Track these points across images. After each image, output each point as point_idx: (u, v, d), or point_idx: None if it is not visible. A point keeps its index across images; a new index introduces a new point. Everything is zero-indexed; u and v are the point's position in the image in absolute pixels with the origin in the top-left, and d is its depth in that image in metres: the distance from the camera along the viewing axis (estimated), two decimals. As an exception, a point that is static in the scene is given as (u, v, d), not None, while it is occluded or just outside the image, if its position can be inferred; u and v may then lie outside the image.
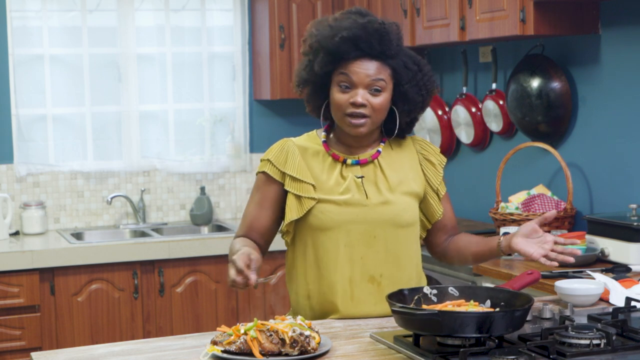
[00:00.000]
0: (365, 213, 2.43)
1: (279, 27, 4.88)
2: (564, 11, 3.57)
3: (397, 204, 2.45)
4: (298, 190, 2.44)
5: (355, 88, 2.39)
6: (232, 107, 5.18)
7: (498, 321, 2.02)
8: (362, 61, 2.39)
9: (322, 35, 2.40)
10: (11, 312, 4.20)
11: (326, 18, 2.47)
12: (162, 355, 2.15)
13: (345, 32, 2.37)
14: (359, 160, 2.48)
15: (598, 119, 3.77)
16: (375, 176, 2.47)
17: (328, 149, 2.49)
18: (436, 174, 2.54)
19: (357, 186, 2.45)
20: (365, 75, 2.38)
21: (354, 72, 2.38)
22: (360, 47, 2.37)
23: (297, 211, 2.44)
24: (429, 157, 2.55)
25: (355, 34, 2.37)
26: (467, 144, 4.48)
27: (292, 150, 2.48)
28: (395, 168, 2.49)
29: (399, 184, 2.48)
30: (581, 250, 3.35)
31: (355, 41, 2.37)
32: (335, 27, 2.39)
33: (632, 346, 2.09)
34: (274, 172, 2.47)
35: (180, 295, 4.48)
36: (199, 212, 4.97)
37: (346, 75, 2.39)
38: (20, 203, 4.75)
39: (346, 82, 2.39)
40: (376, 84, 2.39)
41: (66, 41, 4.84)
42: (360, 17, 2.41)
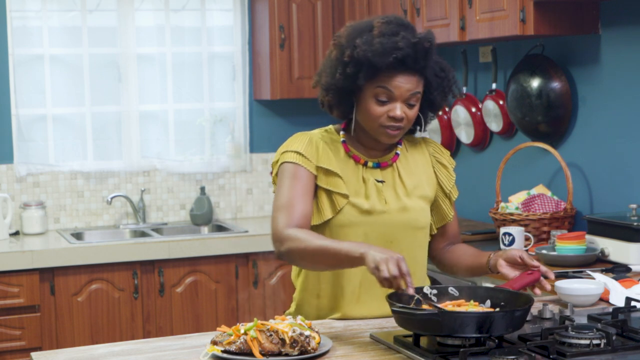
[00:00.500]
0: (384, 218, 2.43)
1: (279, 27, 4.88)
2: (564, 11, 3.57)
3: (413, 209, 2.46)
4: (332, 186, 2.40)
5: (393, 102, 2.35)
6: (232, 107, 5.18)
7: (498, 321, 2.02)
8: (403, 76, 2.34)
9: (370, 50, 2.31)
10: (11, 312, 4.20)
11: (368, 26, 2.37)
12: (162, 355, 2.15)
13: (400, 53, 2.30)
14: (379, 163, 2.46)
15: (598, 119, 3.77)
16: (393, 180, 2.46)
17: (348, 150, 2.46)
18: (449, 178, 2.54)
19: (378, 191, 2.44)
20: (405, 90, 2.34)
21: (396, 87, 2.34)
22: (408, 65, 2.33)
23: (331, 209, 2.41)
24: (442, 160, 2.55)
25: (407, 53, 2.31)
26: (467, 144, 4.48)
27: (321, 145, 2.44)
28: (411, 172, 2.49)
29: (414, 188, 2.48)
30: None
31: (405, 59, 2.32)
32: (386, 45, 2.31)
33: (632, 346, 2.09)
34: (305, 162, 2.40)
35: (180, 295, 4.48)
36: (199, 212, 4.97)
37: (386, 90, 2.34)
38: (20, 203, 4.75)
39: (385, 96, 2.35)
40: (413, 98, 2.36)
41: (66, 41, 4.84)
42: (408, 33, 2.34)
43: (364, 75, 2.33)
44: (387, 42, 2.31)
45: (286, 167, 2.41)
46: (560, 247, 3.38)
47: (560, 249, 3.38)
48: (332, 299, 2.46)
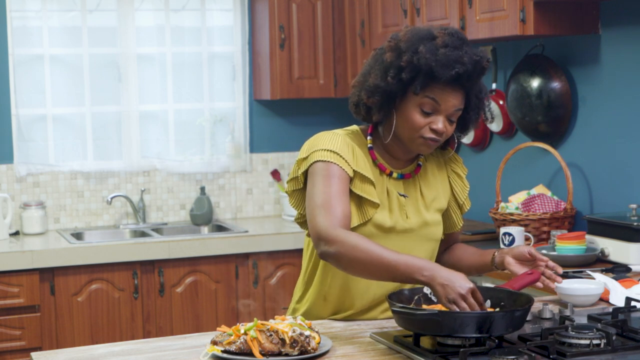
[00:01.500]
0: (404, 234, 2.39)
1: (279, 27, 4.88)
2: (564, 11, 3.57)
3: (432, 222, 2.44)
4: (364, 192, 2.33)
5: (437, 114, 2.29)
6: (232, 107, 5.18)
7: (498, 321, 2.02)
8: (453, 90, 2.28)
9: (434, 59, 2.23)
10: (11, 312, 4.20)
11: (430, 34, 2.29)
12: (162, 355, 2.15)
13: (462, 68, 2.24)
14: (403, 174, 2.42)
15: (598, 119, 3.77)
16: (416, 193, 2.43)
17: (375, 157, 2.40)
18: (463, 188, 2.52)
19: (400, 206, 2.39)
20: (452, 105, 2.29)
21: (444, 100, 2.27)
22: (462, 81, 2.28)
23: (359, 217, 2.34)
24: (457, 170, 2.52)
25: (467, 70, 2.26)
26: (467, 144, 4.48)
27: (354, 147, 2.36)
28: (430, 184, 2.46)
29: (432, 201, 2.45)
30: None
31: (463, 75, 2.26)
32: (451, 57, 2.24)
33: (632, 346, 2.09)
34: (345, 165, 2.32)
35: (180, 295, 4.48)
36: (199, 212, 4.97)
37: (434, 101, 2.27)
38: (20, 203, 4.75)
39: (430, 108, 2.29)
40: (456, 114, 2.32)
41: (66, 41, 4.84)
42: (470, 49, 2.29)
43: (420, 83, 2.26)
44: (451, 55, 2.25)
45: (320, 165, 2.31)
46: (560, 247, 3.38)
47: (560, 249, 3.38)
48: (339, 302, 2.44)
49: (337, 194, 2.27)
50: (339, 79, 4.94)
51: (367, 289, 2.41)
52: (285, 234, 4.63)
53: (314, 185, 2.30)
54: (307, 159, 2.34)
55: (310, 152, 2.34)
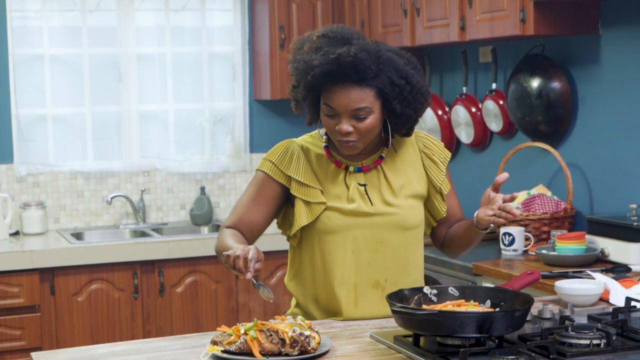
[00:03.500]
0: (371, 220, 2.43)
1: (279, 27, 4.88)
2: (564, 11, 3.57)
3: (401, 208, 2.45)
4: (306, 196, 2.42)
5: (339, 117, 2.35)
6: (232, 107, 5.18)
7: (498, 321, 2.02)
8: (342, 89, 2.33)
9: (297, 69, 2.39)
10: (11, 312, 4.20)
11: (304, 42, 2.43)
12: (162, 355, 2.15)
13: (317, 70, 2.32)
14: (361, 167, 2.46)
15: (598, 119, 3.77)
16: (378, 182, 2.46)
17: (330, 155, 2.47)
18: (439, 173, 2.52)
19: (361, 194, 2.44)
20: (345, 105, 2.33)
21: (335, 102, 2.34)
22: (336, 79, 2.32)
23: (307, 216, 2.42)
24: (432, 156, 2.53)
25: (327, 70, 2.31)
26: (467, 144, 4.48)
27: (297, 154, 2.47)
28: (398, 171, 2.48)
29: (402, 187, 2.46)
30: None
31: (329, 75, 2.32)
32: (308, 62, 2.34)
33: (632, 346, 2.09)
34: (275, 173, 2.45)
35: (180, 295, 4.48)
36: (199, 212, 4.97)
37: (328, 106, 2.36)
38: (20, 203, 4.75)
39: (330, 111, 2.36)
40: (360, 112, 2.33)
41: (66, 41, 4.84)
42: (332, 48, 2.33)
43: (301, 92, 2.41)
44: (307, 60, 2.35)
45: (256, 174, 2.50)
46: (560, 247, 3.38)
47: (560, 249, 3.39)
48: (329, 303, 2.47)
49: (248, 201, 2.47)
50: (339, 79, 4.94)
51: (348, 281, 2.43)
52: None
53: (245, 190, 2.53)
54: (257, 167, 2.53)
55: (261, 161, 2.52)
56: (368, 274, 2.44)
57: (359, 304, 2.45)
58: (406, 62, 2.39)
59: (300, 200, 2.43)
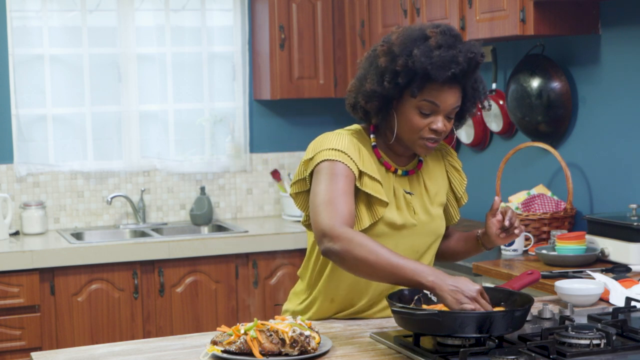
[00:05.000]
0: (413, 231, 2.40)
1: (279, 27, 4.88)
2: (564, 11, 3.57)
3: (437, 218, 2.45)
4: (373, 191, 2.31)
5: (437, 115, 2.29)
6: (232, 107, 5.18)
7: (498, 321, 2.02)
8: (450, 90, 2.27)
9: (429, 62, 2.22)
10: (11, 312, 4.20)
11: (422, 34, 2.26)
12: (162, 355, 2.15)
13: (458, 68, 2.23)
14: (407, 171, 2.42)
15: (598, 119, 3.77)
16: (420, 189, 2.43)
17: (379, 156, 2.39)
18: (461, 182, 2.52)
19: (407, 203, 2.39)
20: (450, 104, 2.28)
21: (443, 101, 2.27)
22: (459, 79, 2.27)
23: (369, 217, 2.33)
24: (454, 164, 2.53)
25: (464, 69, 2.25)
26: (467, 144, 4.48)
27: (360, 147, 2.34)
28: (432, 179, 2.47)
29: (435, 195, 2.46)
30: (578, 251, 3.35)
31: (459, 74, 2.25)
32: (446, 59, 2.22)
33: (632, 346, 2.09)
34: (352, 165, 2.30)
35: (180, 295, 4.48)
36: (199, 212, 4.97)
37: (433, 104, 2.27)
38: (20, 203, 4.75)
39: (429, 109, 2.28)
40: (454, 111, 2.32)
41: (66, 41, 4.84)
42: (464, 46, 2.26)
43: (417, 86, 2.25)
44: (446, 55, 2.23)
45: (326, 165, 2.28)
46: (560, 247, 3.38)
47: (560, 249, 3.38)
48: (347, 303, 2.45)
49: (342, 192, 2.24)
50: (339, 79, 4.94)
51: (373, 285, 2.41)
52: (285, 234, 4.63)
53: (319, 183, 2.27)
54: (313, 159, 2.32)
55: (316, 152, 2.32)
56: None
57: (376, 306, 2.44)
58: None
59: (363, 198, 2.32)
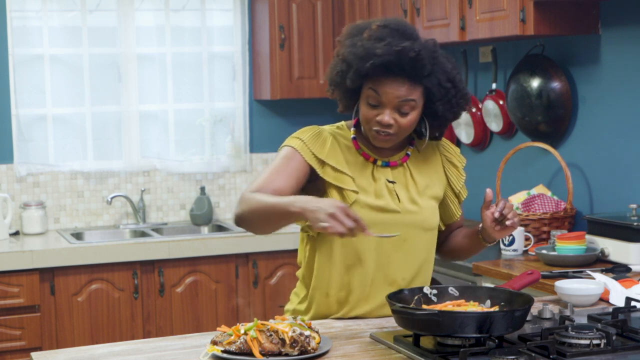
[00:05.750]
0: (398, 218, 2.41)
1: (279, 27, 4.88)
2: (564, 11, 3.57)
3: (425, 209, 2.45)
4: (340, 182, 2.38)
5: (383, 107, 2.33)
6: (232, 107, 5.18)
7: (498, 321, 2.02)
8: (393, 81, 2.31)
9: (354, 53, 2.32)
10: (11, 312, 4.20)
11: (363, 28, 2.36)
12: (162, 355, 2.15)
13: (378, 59, 2.28)
14: (389, 162, 2.45)
15: (598, 119, 3.77)
16: (405, 180, 2.45)
17: (358, 147, 2.44)
18: (459, 177, 2.53)
19: (389, 191, 2.42)
20: (394, 96, 2.31)
21: (384, 92, 2.31)
22: (392, 70, 2.30)
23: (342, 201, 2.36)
24: (452, 160, 2.54)
25: (386, 60, 2.28)
26: (467, 144, 4.48)
27: (330, 140, 2.42)
28: (422, 171, 2.48)
29: (426, 187, 2.47)
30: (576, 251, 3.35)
31: (387, 66, 2.29)
32: (368, 49, 2.29)
33: (632, 346, 2.09)
34: (305, 152, 2.39)
35: (180, 295, 4.48)
36: (199, 212, 4.97)
37: (375, 93, 2.32)
38: (20, 203, 4.75)
39: (374, 100, 2.33)
40: (405, 105, 2.33)
41: (66, 41, 4.84)
42: (395, 40, 2.31)
43: (351, 77, 2.34)
44: (369, 48, 2.30)
45: (284, 149, 2.42)
46: (560, 247, 3.38)
47: (560, 249, 3.38)
48: (340, 296, 2.45)
49: (275, 170, 2.37)
50: (339, 79, 4.94)
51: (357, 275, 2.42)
52: (285, 234, 4.63)
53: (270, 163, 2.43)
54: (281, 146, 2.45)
55: (286, 140, 2.46)
56: (386, 271, 2.43)
57: (371, 299, 2.44)
58: (453, 66, 2.40)
59: (333, 189, 2.39)
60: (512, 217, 2.35)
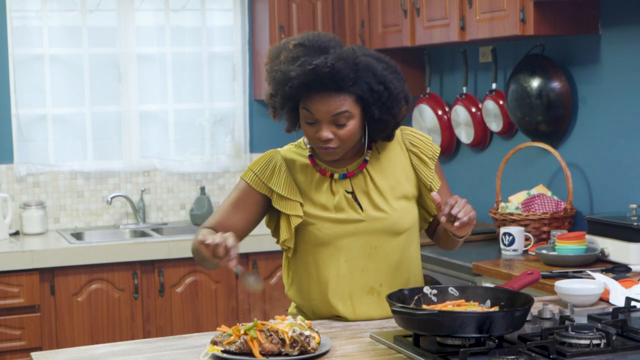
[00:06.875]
0: (363, 227, 2.41)
1: (279, 27, 4.88)
2: (564, 11, 3.57)
3: (393, 213, 2.43)
4: (285, 208, 2.42)
5: (320, 123, 2.33)
6: (232, 107, 5.18)
7: (498, 321, 2.02)
8: (321, 97, 2.30)
9: (274, 79, 2.34)
10: (11, 312, 4.20)
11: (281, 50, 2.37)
12: (162, 355, 2.15)
13: (295, 81, 2.28)
14: (346, 173, 2.44)
15: (598, 119, 3.77)
16: (366, 186, 2.43)
17: (314, 164, 2.45)
18: (427, 170, 2.48)
19: (349, 202, 2.41)
20: (325, 112, 2.30)
21: (315, 109, 2.31)
22: (314, 88, 2.29)
23: (287, 231, 2.43)
24: (419, 154, 2.49)
25: (303, 81, 2.28)
26: (467, 144, 4.48)
27: (279, 165, 2.45)
28: (386, 173, 2.45)
29: (391, 190, 2.44)
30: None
31: (307, 85, 2.29)
32: (285, 73, 2.30)
33: (632, 346, 2.09)
34: (256, 183, 2.45)
35: (180, 295, 4.48)
36: (199, 212, 4.97)
37: (308, 112, 2.32)
38: (20, 203, 4.75)
39: (310, 118, 2.33)
40: (339, 118, 2.31)
41: (66, 41, 4.84)
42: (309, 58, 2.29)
43: (279, 101, 2.36)
44: (284, 71, 2.31)
45: (239, 183, 2.51)
46: (560, 247, 3.38)
47: (560, 249, 3.38)
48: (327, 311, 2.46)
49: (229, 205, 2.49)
50: (339, 79, 4.94)
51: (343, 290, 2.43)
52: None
53: None
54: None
55: None
56: (362, 281, 2.43)
57: (357, 310, 2.44)
58: (385, 66, 2.36)
59: (282, 215, 2.44)
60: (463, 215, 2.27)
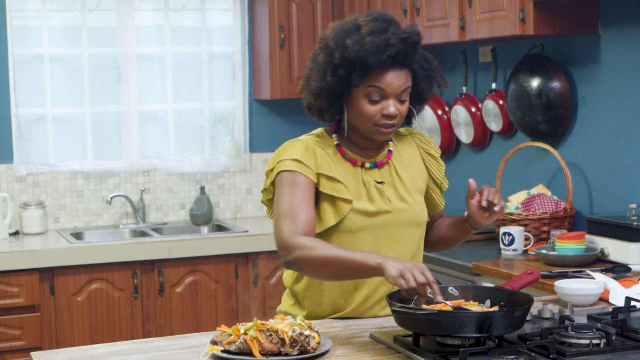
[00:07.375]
0: (390, 218, 2.41)
1: (279, 27, 4.88)
2: (564, 11, 3.57)
3: (415, 205, 2.45)
4: (334, 191, 2.36)
5: (386, 99, 2.32)
6: (232, 107, 5.18)
7: (498, 321, 2.02)
8: (394, 72, 2.31)
9: (363, 50, 2.27)
10: (11, 312, 4.20)
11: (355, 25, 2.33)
12: (162, 355, 2.15)
13: (393, 50, 2.27)
14: (376, 163, 2.44)
15: (598, 119, 3.77)
16: (392, 179, 2.45)
17: (344, 153, 2.43)
18: (439, 168, 2.53)
19: (380, 193, 2.41)
20: (397, 86, 2.32)
21: (388, 84, 2.31)
22: (399, 61, 2.31)
23: (335, 216, 2.37)
24: (430, 152, 2.54)
25: (399, 50, 2.29)
26: (467, 144, 4.48)
27: (317, 150, 2.40)
28: (406, 167, 2.48)
29: (412, 183, 2.47)
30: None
31: (397, 56, 2.29)
32: (379, 43, 2.28)
33: (632, 346, 2.09)
34: (308, 172, 2.36)
35: (180, 295, 4.48)
36: (199, 212, 4.97)
37: (379, 89, 2.31)
38: (20, 203, 4.75)
39: (378, 95, 2.32)
40: (404, 93, 2.34)
41: (66, 41, 4.84)
42: (397, 29, 2.31)
43: (358, 75, 2.30)
44: (378, 40, 2.28)
45: (284, 176, 2.36)
46: (560, 247, 3.38)
47: (560, 249, 3.39)
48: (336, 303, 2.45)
49: (300, 202, 2.32)
50: (339, 79, 4.94)
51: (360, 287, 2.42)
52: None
53: (279, 195, 2.36)
54: (273, 171, 2.40)
55: (275, 164, 2.40)
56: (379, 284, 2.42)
57: (369, 302, 2.44)
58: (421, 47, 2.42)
59: (326, 198, 2.37)
60: (499, 202, 2.33)
